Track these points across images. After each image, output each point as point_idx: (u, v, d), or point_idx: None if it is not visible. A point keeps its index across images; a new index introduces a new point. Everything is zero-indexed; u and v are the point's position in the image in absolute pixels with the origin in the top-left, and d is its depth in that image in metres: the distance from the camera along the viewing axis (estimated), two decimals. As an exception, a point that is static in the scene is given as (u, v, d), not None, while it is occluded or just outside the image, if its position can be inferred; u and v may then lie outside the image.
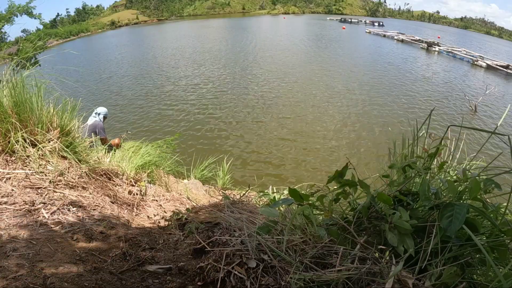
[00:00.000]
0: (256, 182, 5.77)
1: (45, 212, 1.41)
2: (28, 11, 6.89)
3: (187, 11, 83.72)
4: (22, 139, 1.75)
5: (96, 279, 0.98)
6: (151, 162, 3.11)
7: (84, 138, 2.76)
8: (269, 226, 0.98)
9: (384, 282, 0.70)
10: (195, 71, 17.13)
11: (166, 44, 29.82)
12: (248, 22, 55.78)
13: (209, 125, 9.69)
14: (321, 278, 0.74)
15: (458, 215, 0.74)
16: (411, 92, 13.40)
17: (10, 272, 0.93)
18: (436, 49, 25.56)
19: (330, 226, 0.98)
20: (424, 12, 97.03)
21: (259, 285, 0.79)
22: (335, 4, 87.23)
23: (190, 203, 2.76)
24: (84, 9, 78.37)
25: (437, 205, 0.82)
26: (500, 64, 19.56)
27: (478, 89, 14.44)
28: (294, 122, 9.83)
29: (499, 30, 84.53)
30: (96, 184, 1.96)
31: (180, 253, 1.22)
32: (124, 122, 10.11)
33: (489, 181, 0.86)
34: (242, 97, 12.36)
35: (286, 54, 21.76)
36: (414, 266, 0.77)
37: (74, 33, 49.87)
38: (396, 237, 0.81)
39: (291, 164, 7.42)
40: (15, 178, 1.60)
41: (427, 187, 0.86)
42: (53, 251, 1.12)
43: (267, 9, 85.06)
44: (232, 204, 1.68)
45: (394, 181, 0.98)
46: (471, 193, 0.80)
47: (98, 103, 11.06)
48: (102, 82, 15.97)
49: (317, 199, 1.01)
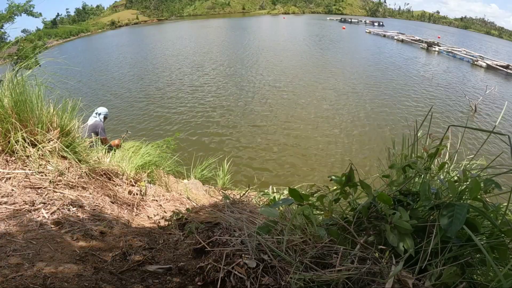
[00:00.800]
0: (256, 182, 5.78)
1: (45, 212, 1.41)
2: (27, 10, 6.88)
3: (187, 11, 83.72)
4: (22, 139, 1.76)
5: (96, 279, 0.98)
6: (151, 162, 3.11)
7: (84, 138, 2.77)
8: (269, 226, 0.98)
9: (384, 282, 0.70)
10: (197, 72, 17.12)
11: (166, 44, 29.80)
12: (248, 22, 55.77)
13: (210, 126, 9.69)
14: (321, 278, 0.74)
15: (459, 215, 0.74)
16: (411, 94, 13.40)
17: (10, 272, 0.93)
18: (436, 49, 25.57)
19: (330, 226, 0.98)
20: (424, 12, 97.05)
21: (259, 285, 0.79)
22: (335, 4, 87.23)
23: (190, 203, 2.76)
24: (84, 9, 78.38)
25: (437, 205, 0.82)
26: (500, 64, 19.57)
27: (478, 89, 14.45)
28: (296, 124, 9.82)
29: (499, 30, 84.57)
30: (96, 184, 1.96)
31: (180, 253, 1.22)
32: (124, 122, 10.11)
33: (489, 181, 0.86)
34: (244, 98, 12.36)
35: (287, 55, 21.74)
36: (414, 266, 0.77)
37: (74, 33, 49.85)
38: (396, 237, 0.81)
39: (291, 164, 7.42)
40: (15, 178, 1.60)
41: (428, 187, 0.86)
42: (53, 251, 1.12)
43: (267, 9, 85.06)
44: (232, 204, 1.68)
45: (394, 181, 0.98)
46: (471, 193, 0.80)
47: (98, 103, 11.07)
48: (102, 83, 15.98)
49: (317, 199, 1.01)
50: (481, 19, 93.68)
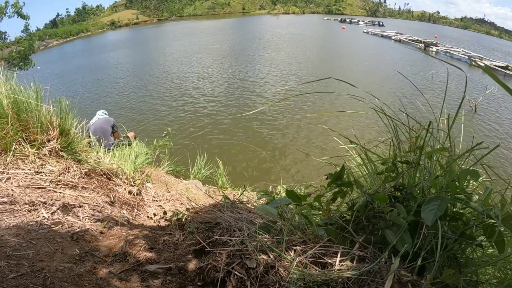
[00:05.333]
0: (256, 182, 5.77)
1: (45, 212, 1.41)
2: (18, 12, 6.77)
3: (187, 11, 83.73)
4: (22, 139, 1.76)
5: (96, 279, 0.98)
6: (151, 162, 3.11)
7: (93, 135, 2.82)
8: (268, 226, 0.98)
9: (383, 281, 0.70)
10: (200, 72, 17.08)
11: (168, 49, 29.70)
12: (248, 22, 55.69)
13: (211, 126, 9.68)
14: (321, 277, 0.75)
15: (441, 207, 0.76)
16: (412, 95, 13.39)
17: (10, 272, 0.93)
18: (433, 49, 25.55)
19: (328, 225, 0.98)
20: (424, 12, 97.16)
21: (259, 285, 0.79)
22: (335, 4, 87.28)
23: (190, 203, 2.76)
24: (84, 9, 78.38)
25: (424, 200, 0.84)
26: (499, 65, 19.56)
27: (478, 89, 14.46)
28: (294, 125, 9.81)
29: (499, 30, 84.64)
30: (96, 184, 1.96)
31: (180, 253, 1.22)
32: (125, 122, 10.09)
33: (465, 171, 0.86)
34: (246, 99, 12.34)
35: (290, 59, 21.68)
36: (413, 265, 0.77)
37: (74, 33, 49.83)
38: (394, 234, 0.81)
39: (291, 164, 7.42)
40: (15, 178, 1.60)
41: (412, 185, 0.88)
42: (53, 251, 1.12)
43: (267, 9, 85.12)
44: (232, 204, 1.68)
45: (388, 177, 0.99)
46: (452, 189, 0.82)
47: (98, 103, 11.07)
48: (102, 83, 15.97)
49: (314, 199, 1.01)
50: (481, 19, 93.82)
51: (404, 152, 1.11)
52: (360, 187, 0.93)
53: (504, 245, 0.74)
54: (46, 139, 1.89)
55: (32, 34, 8.12)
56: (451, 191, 0.82)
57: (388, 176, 0.98)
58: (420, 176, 0.99)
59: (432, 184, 0.85)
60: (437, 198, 0.80)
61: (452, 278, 0.71)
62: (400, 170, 0.99)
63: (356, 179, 0.95)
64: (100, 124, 3.92)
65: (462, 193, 0.82)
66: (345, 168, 0.99)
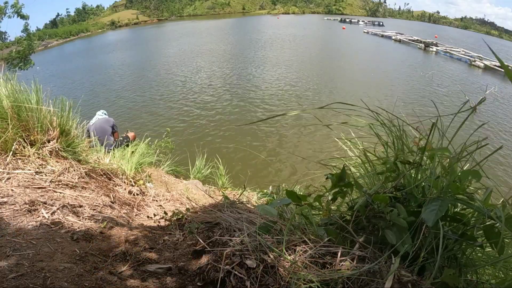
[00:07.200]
0: (256, 182, 5.77)
1: (45, 212, 1.41)
2: (18, 12, 6.77)
3: (187, 11, 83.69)
4: (22, 139, 1.76)
5: (96, 279, 0.98)
6: (151, 162, 3.11)
7: (93, 135, 2.82)
8: (268, 226, 0.98)
9: (383, 281, 0.70)
10: (199, 71, 17.08)
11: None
12: (248, 23, 55.69)
13: (211, 126, 9.68)
14: (321, 277, 0.74)
15: (442, 208, 0.76)
16: (412, 94, 13.40)
17: (10, 272, 0.93)
18: (433, 49, 25.53)
19: (328, 225, 0.98)
20: (424, 12, 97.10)
21: (259, 285, 0.79)
22: (335, 4, 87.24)
23: (190, 203, 2.76)
24: (84, 9, 78.33)
25: (425, 201, 0.84)
26: (499, 65, 19.53)
27: (478, 89, 14.47)
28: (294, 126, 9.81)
29: (499, 30, 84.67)
30: (96, 184, 1.96)
31: (180, 253, 1.22)
32: (125, 122, 10.10)
33: (466, 172, 0.86)
34: (248, 99, 12.34)
35: (292, 61, 21.66)
36: (413, 265, 0.77)
37: (74, 33, 49.80)
38: (394, 235, 0.81)
39: (292, 164, 7.42)
40: (15, 178, 1.60)
41: (413, 185, 0.87)
42: (53, 251, 1.12)
43: (267, 9, 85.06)
44: (232, 204, 1.68)
45: (389, 177, 0.99)
46: (453, 189, 0.82)
47: (98, 103, 11.07)
48: (102, 83, 15.97)
49: (314, 199, 1.01)
50: (481, 19, 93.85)
51: (407, 151, 1.11)
52: (360, 188, 0.93)
53: (503, 246, 0.74)
54: (46, 139, 1.89)
55: (32, 34, 8.09)
56: (452, 191, 0.82)
57: (389, 176, 0.98)
58: (420, 176, 0.99)
59: (433, 184, 0.85)
60: (438, 198, 0.80)
61: (452, 278, 0.71)
62: (401, 170, 0.99)
63: (356, 180, 0.95)
64: (100, 124, 3.93)
65: (463, 193, 0.82)
66: (345, 169, 0.98)
